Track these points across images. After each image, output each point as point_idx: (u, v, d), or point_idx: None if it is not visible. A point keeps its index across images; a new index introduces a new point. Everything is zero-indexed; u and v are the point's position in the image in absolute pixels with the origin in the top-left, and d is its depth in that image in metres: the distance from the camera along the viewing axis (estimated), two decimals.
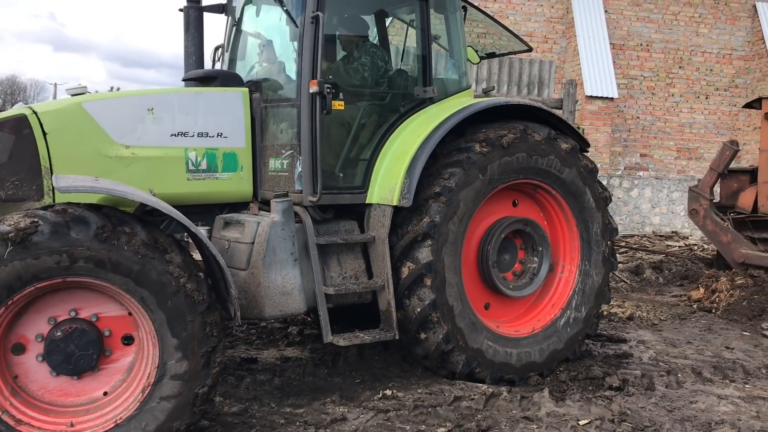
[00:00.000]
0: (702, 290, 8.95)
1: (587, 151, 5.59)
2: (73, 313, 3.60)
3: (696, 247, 12.46)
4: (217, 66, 5.88)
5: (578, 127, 6.02)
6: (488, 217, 5.20)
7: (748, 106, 9.68)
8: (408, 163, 4.78)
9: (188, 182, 4.67)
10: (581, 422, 4.40)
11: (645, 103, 15.41)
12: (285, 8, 4.87)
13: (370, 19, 5.93)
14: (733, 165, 9.43)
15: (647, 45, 15.33)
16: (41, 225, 3.36)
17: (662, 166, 15.68)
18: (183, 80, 5.38)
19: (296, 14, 4.82)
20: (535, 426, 4.35)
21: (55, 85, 79.46)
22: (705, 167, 15.78)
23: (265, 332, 6.46)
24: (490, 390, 4.82)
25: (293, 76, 4.90)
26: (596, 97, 13.87)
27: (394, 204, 4.76)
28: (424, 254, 4.72)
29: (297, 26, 4.78)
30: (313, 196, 4.66)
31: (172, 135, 4.63)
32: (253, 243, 4.48)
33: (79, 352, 3.55)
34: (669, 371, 5.57)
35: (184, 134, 4.66)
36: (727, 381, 5.46)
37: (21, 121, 4.18)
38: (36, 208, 3.59)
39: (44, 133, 4.19)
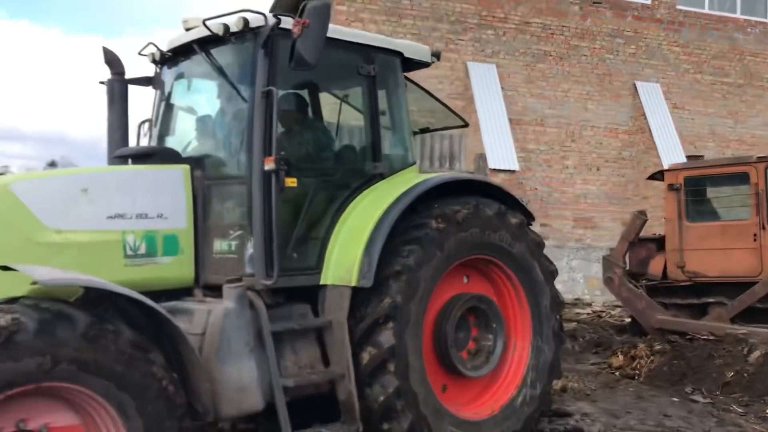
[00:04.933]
0: (621, 357, 9.14)
1: (532, 225, 5.60)
2: (21, 425, 3.07)
3: (604, 314, 12.85)
4: (143, 142, 5.50)
5: (522, 200, 6.04)
6: (443, 295, 5.03)
7: (652, 177, 10.25)
8: (366, 241, 4.56)
9: (125, 269, 4.20)
10: None
11: (542, 175, 16.08)
12: (232, 83, 4.62)
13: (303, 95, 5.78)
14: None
15: (542, 120, 16.12)
16: (24, 322, 2.91)
17: (561, 235, 16.27)
18: (114, 157, 4.96)
19: (244, 89, 4.59)
20: None
21: None
22: (600, 235, 16.60)
23: None
24: None
25: (241, 153, 4.61)
26: (500, 170, 14.31)
27: (353, 284, 4.50)
28: (386, 337, 4.46)
29: (246, 101, 4.53)
30: (267, 279, 4.32)
31: (108, 217, 4.19)
32: (203, 334, 4.06)
33: None
34: None
35: (121, 216, 4.23)
36: None
37: None
38: (1, 302, 3.10)
39: None
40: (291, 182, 4.51)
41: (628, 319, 11.42)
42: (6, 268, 3.32)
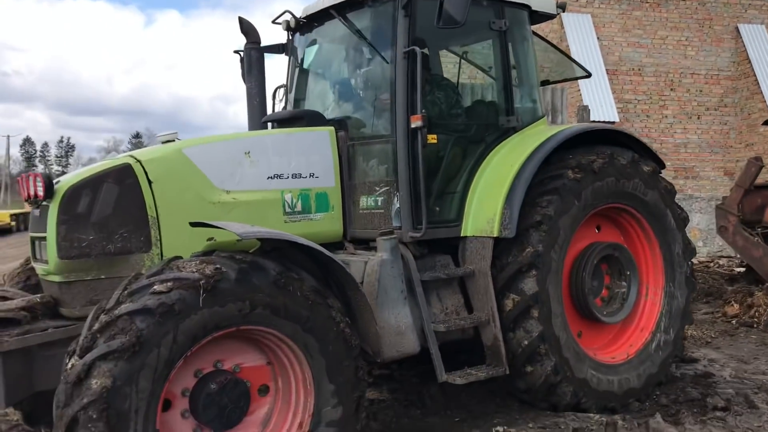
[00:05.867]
0: (736, 306, 9.00)
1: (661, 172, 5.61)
2: (218, 365, 3.43)
3: (711, 264, 12.61)
4: (279, 107, 5.79)
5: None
6: (577, 243, 5.16)
7: (767, 123, 9.91)
8: (505, 193, 4.72)
9: (285, 225, 4.53)
10: None
11: (641, 125, 15.70)
12: (371, 45, 4.82)
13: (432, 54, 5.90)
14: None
15: (639, 69, 15.69)
16: (226, 271, 3.23)
17: None
18: (263, 122, 5.28)
19: (384, 50, 4.77)
20: None
21: (8, 137, 77.65)
22: (702, 185, 16.14)
23: None
24: (604, 419, 4.72)
25: (383, 113, 4.82)
26: (599, 122, 14.07)
27: (495, 235, 4.69)
28: (530, 285, 4.64)
29: (387, 62, 4.72)
30: (415, 232, 4.57)
31: (268, 178, 4.51)
32: (361, 283, 4.35)
33: (232, 406, 3.39)
34: (759, 388, 5.56)
35: (279, 176, 4.55)
36: None
37: (125, 170, 4.02)
38: (199, 255, 3.45)
39: (149, 182, 4.03)
40: (432, 139, 4.71)
41: (740, 269, 11.19)
42: (202, 225, 3.66)
